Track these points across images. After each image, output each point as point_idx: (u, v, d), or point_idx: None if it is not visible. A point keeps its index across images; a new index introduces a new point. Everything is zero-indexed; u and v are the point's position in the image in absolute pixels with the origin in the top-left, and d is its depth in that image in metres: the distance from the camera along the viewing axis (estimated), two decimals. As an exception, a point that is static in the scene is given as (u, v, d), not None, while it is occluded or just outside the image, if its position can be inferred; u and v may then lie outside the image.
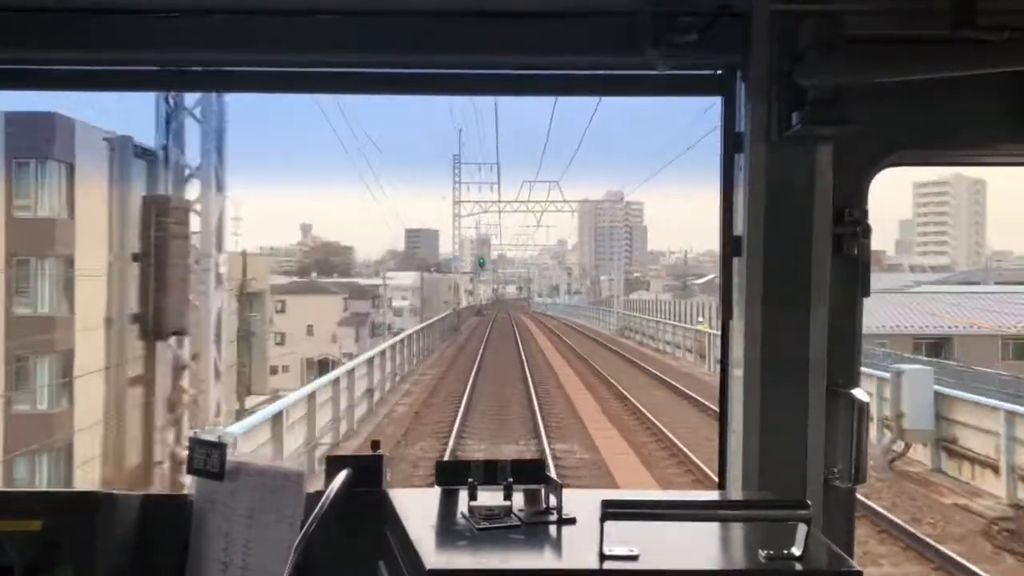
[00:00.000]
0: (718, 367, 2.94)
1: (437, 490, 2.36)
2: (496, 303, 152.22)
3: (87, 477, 18.51)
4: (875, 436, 18.16)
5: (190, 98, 16.46)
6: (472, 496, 2.26)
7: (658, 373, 33.98)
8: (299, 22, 2.64)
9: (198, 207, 16.95)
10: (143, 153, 13.29)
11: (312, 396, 19.01)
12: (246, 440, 13.83)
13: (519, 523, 2.18)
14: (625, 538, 1.97)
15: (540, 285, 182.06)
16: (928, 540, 13.28)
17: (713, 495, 3.15)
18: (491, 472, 2.32)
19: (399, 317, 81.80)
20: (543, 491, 2.29)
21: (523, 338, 56.38)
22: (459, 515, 2.25)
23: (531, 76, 2.88)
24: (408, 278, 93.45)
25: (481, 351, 45.47)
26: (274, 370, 57.26)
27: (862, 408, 2.55)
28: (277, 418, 16.01)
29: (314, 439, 18.62)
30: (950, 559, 12.43)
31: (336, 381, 22.04)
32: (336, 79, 2.83)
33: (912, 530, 13.73)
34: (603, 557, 1.95)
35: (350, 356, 41.99)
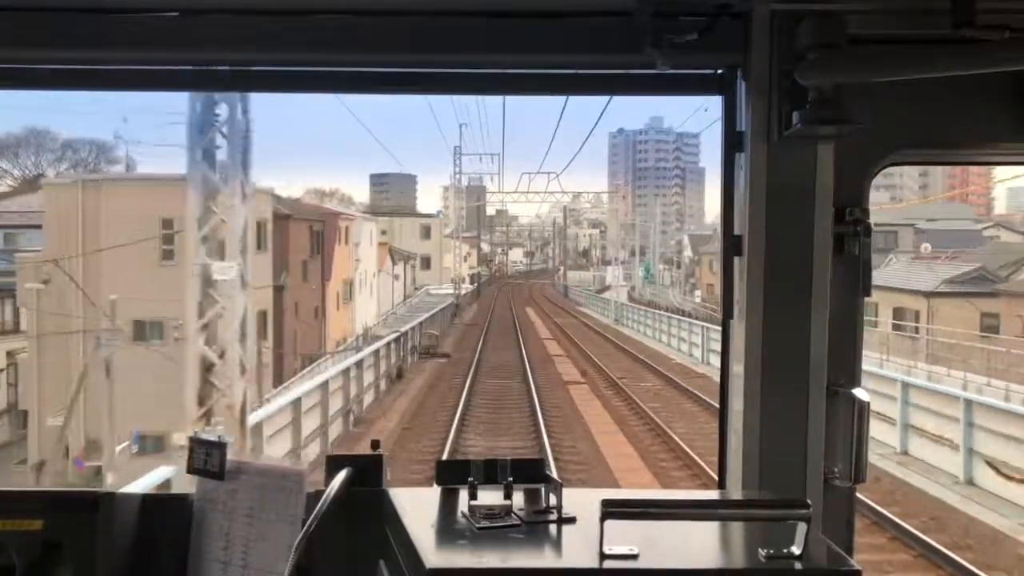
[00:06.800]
0: None
1: (437, 489, 2.37)
2: (492, 285, 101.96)
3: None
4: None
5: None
6: (472, 495, 2.26)
7: None
8: (299, 21, 2.64)
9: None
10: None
11: None
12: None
13: (519, 522, 2.18)
14: (625, 537, 1.97)
15: (553, 250, 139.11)
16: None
17: (713, 494, 3.14)
18: (491, 471, 2.33)
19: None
20: (543, 490, 2.29)
21: None
22: (459, 514, 2.25)
23: (531, 75, 2.88)
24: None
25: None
26: None
27: (863, 408, 2.54)
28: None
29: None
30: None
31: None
32: (336, 79, 2.83)
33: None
34: (603, 556, 1.95)
35: None
